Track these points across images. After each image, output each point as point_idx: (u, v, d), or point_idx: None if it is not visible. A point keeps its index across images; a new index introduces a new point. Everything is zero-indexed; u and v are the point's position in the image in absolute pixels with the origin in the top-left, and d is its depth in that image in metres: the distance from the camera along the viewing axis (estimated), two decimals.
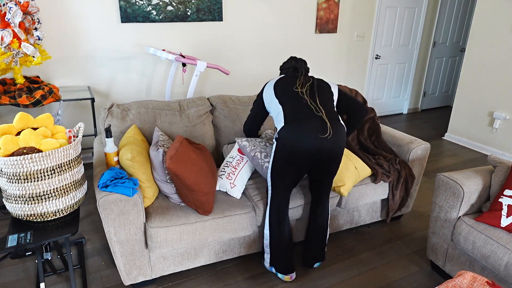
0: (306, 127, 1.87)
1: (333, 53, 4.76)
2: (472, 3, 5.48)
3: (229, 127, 2.61)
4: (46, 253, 1.91)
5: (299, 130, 1.87)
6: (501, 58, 3.91)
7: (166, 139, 2.20)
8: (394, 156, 2.59)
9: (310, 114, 1.90)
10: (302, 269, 2.28)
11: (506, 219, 1.87)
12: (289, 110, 1.94)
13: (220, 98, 2.64)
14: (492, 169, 2.16)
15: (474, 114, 4.29)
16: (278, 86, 2.05)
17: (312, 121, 1.88)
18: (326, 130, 1.87)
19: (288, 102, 1.97)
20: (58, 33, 3.27)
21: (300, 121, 1.89)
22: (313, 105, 1.94)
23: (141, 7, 3.48)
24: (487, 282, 1.43)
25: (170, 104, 2.51)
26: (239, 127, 2.61)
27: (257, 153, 2.24)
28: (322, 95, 2.02)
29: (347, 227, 2.58)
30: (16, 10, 2.61)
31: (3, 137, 1.60)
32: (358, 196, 2.41)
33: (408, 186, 2.55)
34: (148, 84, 3.82)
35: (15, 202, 1.67)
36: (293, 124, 1.89)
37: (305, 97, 1.97)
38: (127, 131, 2.26)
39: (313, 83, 2.06)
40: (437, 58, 5.60)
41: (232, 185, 2.21)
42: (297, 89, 2.00)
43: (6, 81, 3.01)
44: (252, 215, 2.12)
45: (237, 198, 2.20)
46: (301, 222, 2.36)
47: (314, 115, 1.90)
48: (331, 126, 1.90)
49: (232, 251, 2.23)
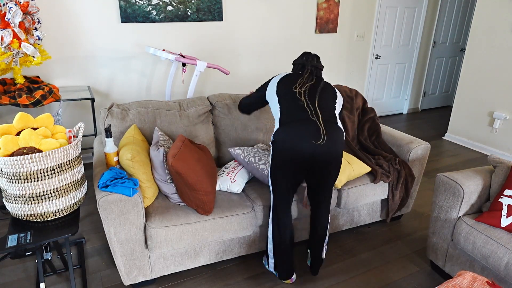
0: (300, 131, 1.82)
1: (333, 53, 4.76)
2: (472, 3, 5.48)
3: (229, 125, 2.61)
4: (46, 253, 1.91)
5: (292, 134, 1.83)
6: (501, 58, 3.91)
7: (166, 139, 2.20)
8: (394, 156, 2.59)
9: (305, 117, 1.85)
10: (302, 269, 2.28)
11: (506, 219, 1.87)
12: (284, 112, 1.92)
13: (219, 97, 2.64)
14: (492, 169, 2.16)
15: (474, 114, 4.29)
16: (281, 84, 2.02)
17: (306, 126, 1.83)
18: (320, 137, 1.81)
19: (285, 103, 1.94)
20: (58, 33, 3.27)
21: (294, 124, 1.85)
22: (310, 108, 1.89)
23: (141, 7, 3.48)
24: (487, 282, 1.43)
25: (170, 104, 2.51)
26: (239, 125, 2.61)
27: (251, 158, 2.27)
28: (322, 98, 1.96)
29: (347, 227, 2.58)
30: (16, 10, 2.61)
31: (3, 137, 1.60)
32: (358, 196, 2.41)
33: (408, 186, 2.55)
34: (148, 84, 3.81)
35: (15, 202, 1.67)
36: (287, 127, 1.86)
37: (302, 98, 1.92)
38: (127, 131, 2.26)
39: (316, 84, 2.01)
40: (437, 58, 5.60)
41: (233, 180, 2.22)
42: (295, 89, 1.96)
43: (6, 81, 3.01)
44: (252, 215, 2.12)
45: (238, 192, 2.21)
46: (300, 221, 2.36)
47: (308, 119, 1.85)
48: (326, 132, 1.83)
49: (232, 251, 2.23)
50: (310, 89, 1.97)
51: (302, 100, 1.91)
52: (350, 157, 2.47)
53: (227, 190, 2.23)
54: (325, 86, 2.03)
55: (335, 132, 1.87)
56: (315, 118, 1.86)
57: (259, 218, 2.15)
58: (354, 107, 2.94)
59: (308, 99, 1.93)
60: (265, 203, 2.15)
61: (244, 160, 2.28)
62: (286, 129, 1.85)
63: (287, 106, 1.93)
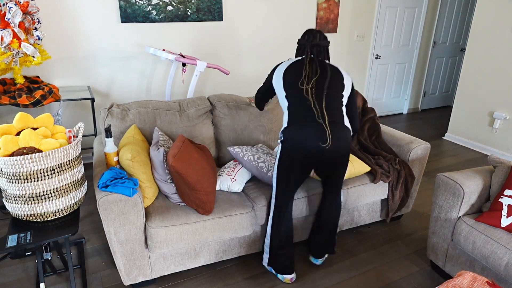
0: (307, 132, 1.86)
1: (333, 53, 4.76)
2: (472, 3, 5.48)
3: (229, 125, 2.60)
4: (46, 253, 1.91)
5: (301, 134, 1.87)
6: (501, 58, 3.91)
7: (166, 139, 2.20)
8: (394, 156, 2.59)
9: (312, 119, 1.88)
10: (302, 269, 2.28)
11: (506, 219, 1.87)
12: (293, 111, 1.94)
13: (219, 97, 2.64)
14: (492, 169, 2.16)
15: (474, 114, 4.29)
16: (287, 76, 1.99)
17: (313, 127, 1.87)
18: (326, 139, 1.85)
19: (293, 101, 1.95)
20: (58, 33, 3.27)
21: (302, 125, 1.88)
22: (317, 109, 1.90)
23: (141, 7, 3.48)
24: (487, 282, 1.43)
25: (170, 104, 2.51)
26: (239, 125, 2.61)
27: (250, 156, 2.28)
28: (329, 95, 1.94)
29: (347, 227, 2.58)
30: (16, 10, 2.61)
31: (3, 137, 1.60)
32: (358, 196, 2.41)
33: (408, 186, 2.55)
34: (148, 84, 3.81)
35: (15, 202, 1.67)
36: (295, 127, 1.89)
37: (309, 98, 1.91)
38: (127, 131, 2.26)
39: (323, 77, 1.95)
40: (437, 58, 5.60)
41: (233, 180, 2.22)
42: (302, 86, 1.93)
43: (6, 81, 3.01)
44: (252, 215, 2.12)
45: (238, 191, 2.22)
46: (302, 221, 2.36)
47: (315, 121, 1.87)
48: (331, 133, 1.87)
49: (232, 251, 2.23)
50: (317, 87, 1.94)
51: (310, 100, 1.92)
52: (350, 156, 2.48)
53: (227, 190, 2.23)
54: (332, 77, 1.98)
55: (341, 132, 1.91)
56: (321, 120, 1.88)
57: (259, 218, 2.16)
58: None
59: (315, 98, 1.92)
60: (265, 203, 2.15)
61: (243, 159, 2.28)
62: (294, 129, 1.89)
63: (295, 106, 1.94)
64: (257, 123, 2.65)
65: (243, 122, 2.62)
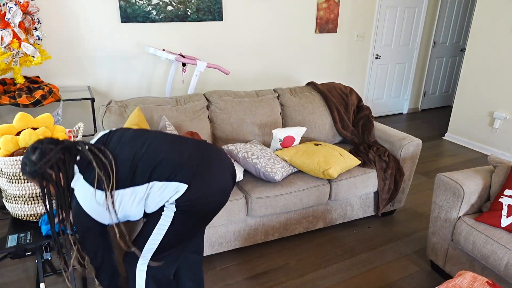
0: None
1: (333, 53, 4.76)
2: (472, 3, 5.48)
3: (225, 120, 2.65)
4: (46, 253, 1.90)
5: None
6: (501, 58, 3.91)
7: (172, 129, 2.28)
8: (384, 149, 2.65)
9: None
10: (302, 269, 2.28)
11: (506, 219, 1.87)
12: None
13: (215, 93, 2.71)
14: (492, 169, 2.16)
15: (474, 114, 4.29)
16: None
17: None
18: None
19: None
20: (58, 33, 3.27)
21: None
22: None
23: (141, 7, 3.48)
24: (487, 282, 1.43)
25: (167, 100, 2.57)
26: (235, 120, 2.66)
27: (244, 153, 2.33)
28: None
29: (340, 221, 2.61)
30: (16, 10, 2.61)
31: (3, 137, 1.60)
32: (348, 188, 2.44)
33: (396, 179, 2.58)
34: (148, 84, 3.81)
35: (15, 202, 1.66)
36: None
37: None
38: (130, 116, 2.25)
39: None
40: (437, 58, 5.60)
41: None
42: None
43: (6, 81, 3.01)
44: (243, 202, 2.18)
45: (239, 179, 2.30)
46: (296, 214, 2.36)
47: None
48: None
49: (228, 243, 2.27)
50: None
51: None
52: (341, 150, 2.53)
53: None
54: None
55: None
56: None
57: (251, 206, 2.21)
58: (349, 103, 3.05)
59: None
60: (258, 195, 2.21)
61: (237, 156, 2.33)
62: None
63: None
64: (253, 118, 2.70)
65: (239, 116, 2.66)
